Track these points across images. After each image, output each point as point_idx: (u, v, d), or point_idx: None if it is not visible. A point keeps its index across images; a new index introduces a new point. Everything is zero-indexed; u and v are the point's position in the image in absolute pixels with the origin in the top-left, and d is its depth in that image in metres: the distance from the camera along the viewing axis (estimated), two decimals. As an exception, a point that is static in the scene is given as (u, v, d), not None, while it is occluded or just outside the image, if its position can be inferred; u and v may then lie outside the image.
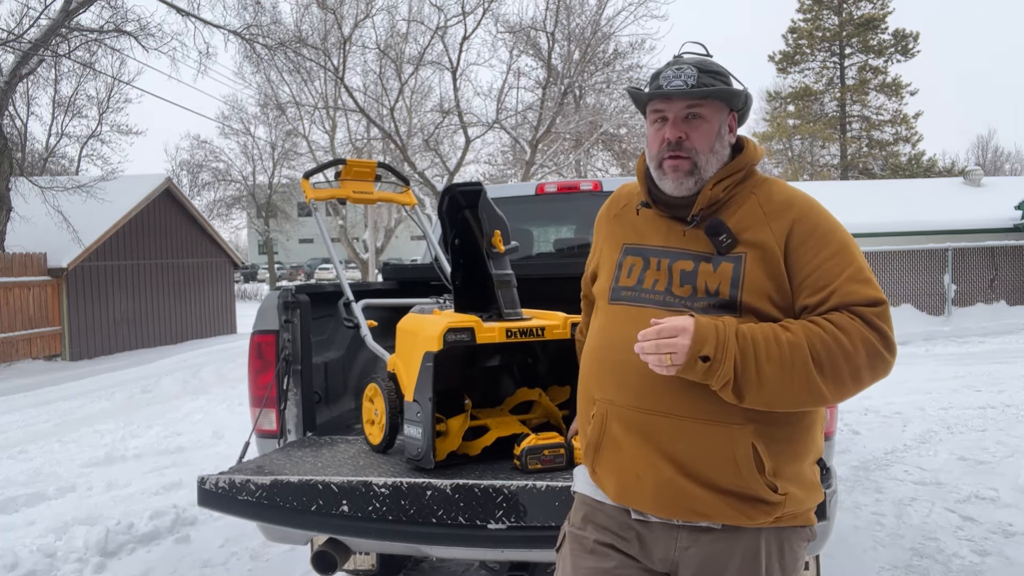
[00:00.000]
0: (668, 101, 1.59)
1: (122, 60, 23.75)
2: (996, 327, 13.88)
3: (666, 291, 1.58)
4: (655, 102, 1.61)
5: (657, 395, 1.52)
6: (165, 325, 16.59)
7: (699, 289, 1.55)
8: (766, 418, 1.49)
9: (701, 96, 1.57)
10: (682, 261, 1.58)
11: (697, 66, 1.58)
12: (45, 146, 24.40)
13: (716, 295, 1.53)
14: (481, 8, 18.75)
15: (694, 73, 1.56)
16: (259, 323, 2.91)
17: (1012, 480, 4.95)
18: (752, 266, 1.53)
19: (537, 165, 19.98)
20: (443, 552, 2.56)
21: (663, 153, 1.60)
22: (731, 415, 1.49)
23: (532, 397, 2.73)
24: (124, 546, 4.18)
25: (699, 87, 1.56)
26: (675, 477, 1.51)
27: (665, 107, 1.60)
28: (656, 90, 1.59)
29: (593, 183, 4.76)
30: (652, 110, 1.63)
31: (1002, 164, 45.52)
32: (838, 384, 1.44)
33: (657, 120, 1.62)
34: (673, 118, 1.59)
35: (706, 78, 1.57)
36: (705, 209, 1.59)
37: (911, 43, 37.95)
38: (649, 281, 1.60)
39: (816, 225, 1.56)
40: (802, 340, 1.43)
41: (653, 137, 1.62)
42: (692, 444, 1.50)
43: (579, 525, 1.69)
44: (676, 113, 1.59)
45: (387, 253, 31.40)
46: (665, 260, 1.60)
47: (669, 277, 1.58)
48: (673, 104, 1.59)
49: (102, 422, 7.78)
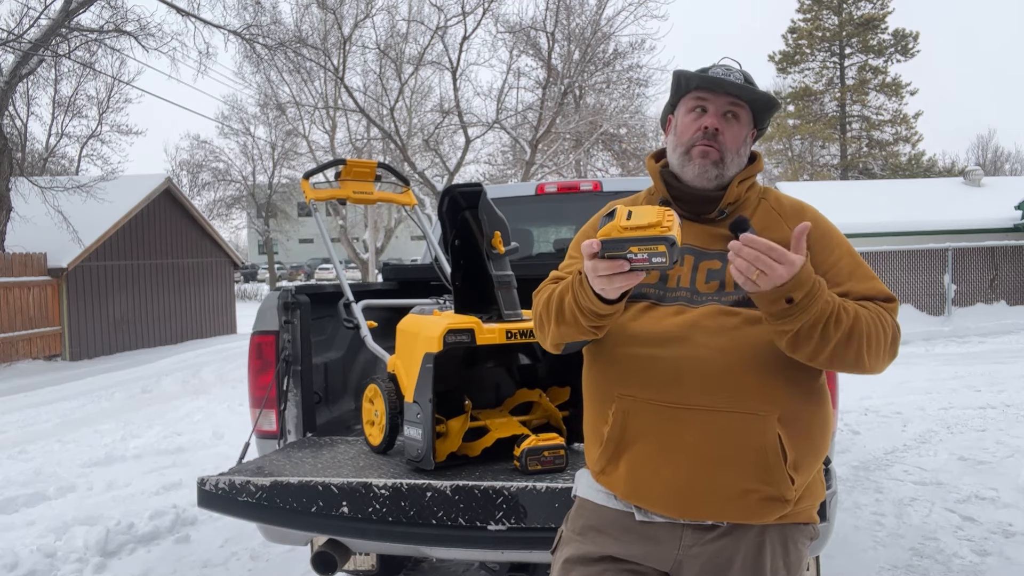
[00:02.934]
0: (714, 92, 1.64)
1: (122, 60, 23.73)
2: (996, 327, 13.88)
3: (691, 288, 1.59)
4: (700, 90, 1.65)
5: (684, 388, 1.53)
6: (165, 325, 16.59)
7: (727, 284, 1.57)
8: (790, 408, 1.52)
9: (749, 96, 1.64)
10: (708, 260, 1.61)
11: (743, 74, 1.66)
12: (45, 146, 24.42)
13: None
14: (481, 8, 18.79)
15: (741, 78, 1.64)
16: (259, 323, 2.91)
17: (1012, 480, 4.95)
18: None
19: (537, 165, 19.99)
20: (443, 553, 2.56)
21: (696, 140, 1.63)
22: (758, 405, 1.50)
23: (532, 398, 2.73)
24: (124, 546, 4.18)
25: (749, 87, 1.63)
26: (695, 474, 1.52)
27: (710, 98, 1.64)
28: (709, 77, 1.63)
29: (593, 183, 4.76)
30: (694, 97, 1.66)
31: (1002, 164, 45.53)
32: (874, 358, 1.51)
33: (696, 108, 1.65)
34: (714, 110, 1.63)
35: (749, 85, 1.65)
36: (731, 205, 1.65)
37: (911, 43, 37.97)
38: (672, 280, 1.62)
39: (827, 230, 1.66)
40: (862, 313, 1.49)
41: (689, 125, 1.65)
42: (719, 436, 1.51)
43: (578, 531, 1.69)
44: (718, 107, 1.63)
45: (387, 253, 31.41)
46: (690, 258, 1.62)
47: (693, 274, 1.60)
48: (718, 97, 1.63)
49: (102, 422, 7.78)
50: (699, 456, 1.52)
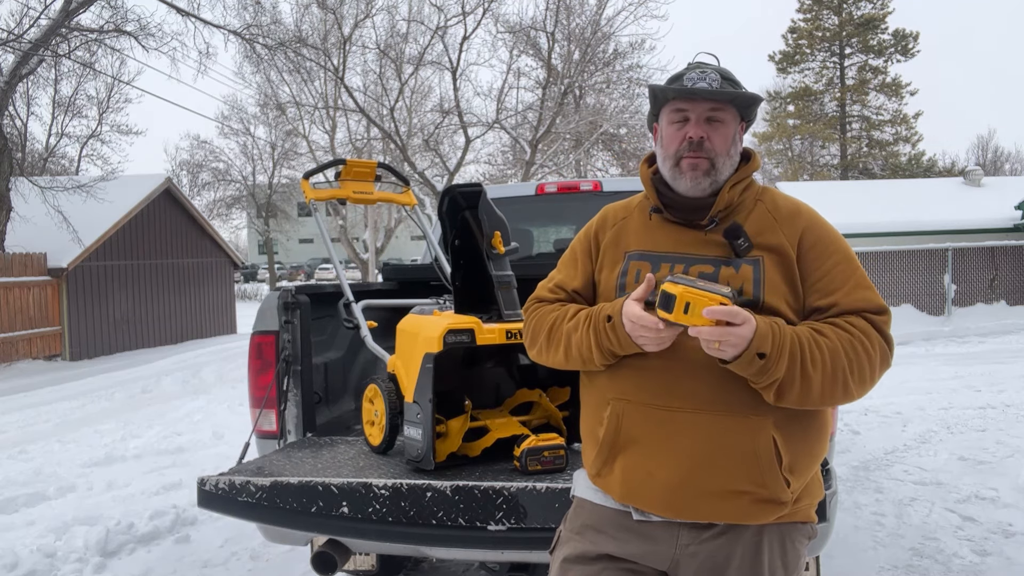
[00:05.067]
0: (692, 101, 1.61)
1: (122, 60, 23.78)
2: (996, 327, 13.88)
3: None
4: (678, 101, 1.63)
5: (677, 391, 1.53)
6: (165, 325, 16.59)
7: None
8: (785, 412, 1.52)
9: (727, 99, 1.60)
10: (700, 266, 1.60)
11: (719, 72, 1.62)
12: (45, 146, 24.42)
13: (739, 295, 1.54)
14: (481, 8, 18.78)
15: (717, 77, 1.60)
16: (259, 323, 2.91)
17: (1012, 480, 4.95)
18: (770, 268, 1.57)
19: (537, 165, 19.98)
20: (443, 553, 2.57)
21: (682, 152, 1.61)
22: (752, 407, 1.50)
23: (532, 398, 2.73)
24: (124, 546, 4.18)
25: (725, 91, 1.60)
26: (688, 476, 1.52)
27: (688, 107, 1.62)
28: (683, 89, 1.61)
29: (593, 183, 4.76)
30: (674, 109, 1.64)
31: (1002, 164, 45.52)
32: (861, 385, 1.52)
33: (678, 120, 1.63)
34: (695, 118, 1.61)
35: (727, 84, 1.62)
36: (722, 212, 1.62)
37: (911, 43, 37.95)
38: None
39: (824, 233, 1.63)
40: (837, 344, 1.49)
41: (673, 136, 1.63)
42: (712, 439, 1.51)
43: (576, 530, 1.69)
44: (699, 114, 1.61)
45: (387, 253, 31.41)
46: (680, 265, 1.60)
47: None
48: (697, 105, 1.61)
49: (102, 422, 7.78)
50: (693, 459, 1.52)
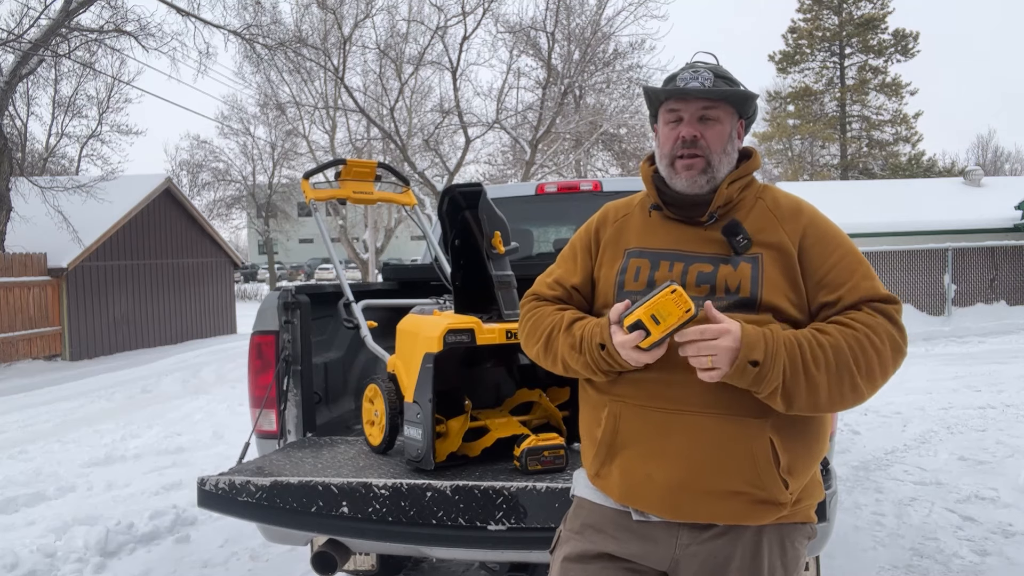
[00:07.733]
0: (684, 101, 1.63)
1: (122, 60, 23.82)
2: (996, 327, 13.89)
3: None
4: (671, 101, 1.65)
5: (673, 392, 1.53)
6: (165, 325, 16.59)
7: (718, 288, 1.56)
8: (784, 415, 1.51)
9: (718, 97, 1.62)
10: (699, 264, 1.60)
11: (712, 70, 1.64)
12: (45, 146, 24.41)
13: (736, 293, 1.55)
14: (481, 8, 18.78)
15: (710, 76, 1.62)
16: (259, 323, 2.91)
17: (1012, 480, 4.95)
18: (769, 265, 1.57)
19: (537, 165, 19.98)
20: (443, 553, 2.57)
21: (676, 151, 1.63)
22: (750, 409, 1.50)
23: (532, 398, 2.73)
24: (124, 546, 4.18)
25: (715, 90, 1.61)
26: (687, 477, 1.52)
27: (681, 107, 1.63)
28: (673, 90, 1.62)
29: (593, 183, 4.76)
30: (667, 109, 1.66)
31: (1002, 164, 45.57)
32: (871, 381, 1.50)
33: (672, 120, 1.65)
34: (688, 118, 1.63)
35: (721, 82, 1.63)
36: (721, 208, 1.63)
37: (911, 43, 37.96)
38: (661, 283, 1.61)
39: (826, 230, 1.64)
40: (841, 342, 1.47)
41: (667, 136, 1.65)
42: (709, 440, 1.51)
43: (576, 529, 1.69)
44: (691, 113, 1.63)
45: (387, 253, 31.41)
46: (679, 264, 1.61)
47: (683, 279, 1.59)
48: (689, 104, 1.63)
49: (102, 422, 7.78)
50: (690, 460, 1.52)
